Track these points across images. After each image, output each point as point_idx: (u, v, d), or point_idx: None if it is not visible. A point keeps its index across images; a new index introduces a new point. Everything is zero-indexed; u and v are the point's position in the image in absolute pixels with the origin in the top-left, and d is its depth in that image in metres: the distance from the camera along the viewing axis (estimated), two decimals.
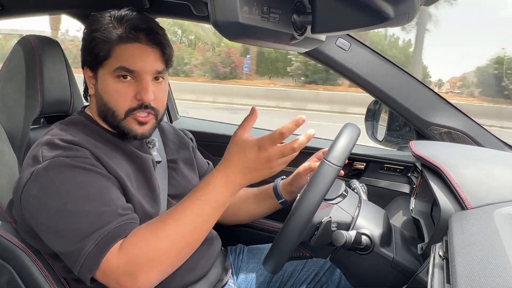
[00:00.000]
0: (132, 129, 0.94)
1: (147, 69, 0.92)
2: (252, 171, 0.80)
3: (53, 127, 0.95)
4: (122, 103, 0.92)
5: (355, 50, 1.33)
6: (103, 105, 0.95)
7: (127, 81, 0.92)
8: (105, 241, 0.78)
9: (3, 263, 0.89)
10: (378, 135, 1.60)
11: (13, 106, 1.10)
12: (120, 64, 0.90)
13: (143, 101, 0.92)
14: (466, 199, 0.88)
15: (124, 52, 0.90)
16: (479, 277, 0.57)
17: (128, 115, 0.93)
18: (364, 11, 0.62)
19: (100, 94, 0.95)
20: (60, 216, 0.80)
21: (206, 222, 0.81)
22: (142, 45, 0.92)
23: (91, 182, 0.83)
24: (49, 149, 0.86)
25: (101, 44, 0.91)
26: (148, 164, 0.99)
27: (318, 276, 1.21)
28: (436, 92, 1.37)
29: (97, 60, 0.93)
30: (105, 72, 0.92)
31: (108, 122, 0.96)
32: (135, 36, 0.91)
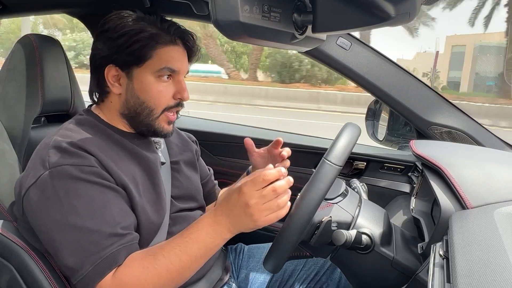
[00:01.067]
0: (163, 127, 0.99)
1: (184, 70, 0.99)
2: (235, 215, 0.79)
3: (62, 128, 0.95)
4: (162, 101, 0.96)
5: (355, 49, 1.33)
6: (139, 104, 0.95)
7: (167, 82, 0.96)
8: (103, 265, 0.79)
9: (4, 262, 0.89)
10: (379, 134, 1.60)
11: (14, 105, 1.10)
12: (165, 65, 0.94)
13: (183, 99, 0.98)
14: (466, 198, 0.88)
15: (167, 54, 0.95)
16: (479, 276, 0.57)
17: (162, 113, 0.97)
18: (365, 10, 0.62)
19: (135, 93, 0.95)
20: (61, 229, 0.81)
21: (193, 262, 0.82)
22: (181, 48, 0.98)
23: (95, 196, 0.83)
24: (57, 155, 0.85)
25: (143, 45, 0.92)
26: (155, 165, 0.99)
27: (318, 275, 1.21)
28: (437, 92, 1.37)
29: (137, 60, 0.93)
30: (146, 71, 0.94)
31: (138, 120, 0.97)
32: (175, 40, 0.97)
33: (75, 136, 0.90)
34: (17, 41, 1.13)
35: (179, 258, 0.81)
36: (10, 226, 0.94)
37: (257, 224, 0.80)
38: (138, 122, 0.98)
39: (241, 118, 7.29)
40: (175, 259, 0.81)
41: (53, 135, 0.91)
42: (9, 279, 0.88)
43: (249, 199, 0.77)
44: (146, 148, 1.01)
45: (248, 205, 0.77)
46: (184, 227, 1.03)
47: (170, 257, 0.81)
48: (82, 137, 0.90)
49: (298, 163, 1.37)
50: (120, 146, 0.96)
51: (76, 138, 0.89)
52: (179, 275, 0.82)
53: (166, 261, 0.81)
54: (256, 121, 7.24)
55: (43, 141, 0.91)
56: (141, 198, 0.92)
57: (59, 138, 0.89)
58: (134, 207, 0.90)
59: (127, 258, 0.82)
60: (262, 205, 0.78)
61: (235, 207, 0.79)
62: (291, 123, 8.01)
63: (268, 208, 0.78)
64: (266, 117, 9.07)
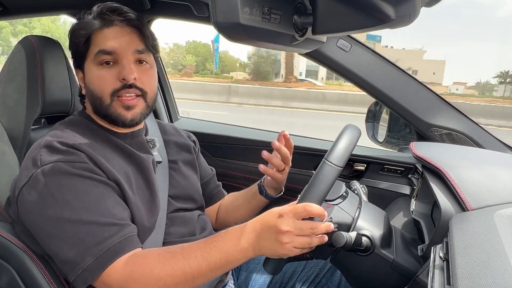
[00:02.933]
0: (120, 114, 0.95)
1: (125, 49, 0.94)
2: (266, 237, 0.77)
3: (53, 128, 0.96)
4: (105, 86, 0.93)
5: (356, 51, 1.33)
6: (91, 96, 0.96)
7: (110, 66, 0.94)
8: (106, 256, 0.79)
9: (3, 263, 0.89)
10: (379, 136, 1.60)
11: (14, 106, 1.10)
12: (98, 48, 0.93)
13: (126, 79, 0.93)
14: (466, 200, 0.88)
15: (101, 37, 0.94)
16: (480, 278, 0.57)
17: (114, 99, 0.94)
18: (365, 12, 0.62)
19: (88, 86, 0.97)
20: (57, 224, 0.80)
21: (210, 270, 0.79)
22: (118, 28, 0.95)
23: (88, 190, 0.83)
24: (48, 153, 0.86)
25: (79, 36, 0.94)
26: (148, 165, 0.99)
27: (318, 277, 1.21)
28: (436, 94, 1.37)
29: (79, 53, 0.96)
30: (89, 63, 0.96)
31: (99, 113, 0.97)
32: (109, 21, 0.94)
33: (65, 135, 0.91)
34: (18, 42, 1.13)
35: (198, 263, 0.79)
36: (10, 228, 0.93)
37: (282, 252, 0.77)
38: (100, 114, 0.98)
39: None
40: (193, 263, 0.79)
41: (45, 136, 0.92)
42: (9, 280, 0.88)
43: (286, 226, 0.76)
44: (139, 147, 1.01)
45: (282, 231, 0.76)
46: (182, 228, 1.03)
47: (189, 260, 0.79)
48: (73, 136, 0.91)
49: (297, 165, 1.37)
50: (112, 145, 0.96)
51: (67, 137, 0.90)
52: (193, 279, 0.80)
53: (184, 262, 0.79)
54: None
55: (35, 143, 0.92)
56: (135, 195, 0.92)
57: (50, 138, 0.89)
58: (127, 202, 0.90)
59: (144, 250, 0.81)
60: (295, 236, 0.76)
61: (269, 230, 0.77)
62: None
63: (300, 241, 0.77)
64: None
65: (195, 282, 0.81)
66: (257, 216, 0.86)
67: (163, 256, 0.81)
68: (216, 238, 0.81)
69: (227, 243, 0.80)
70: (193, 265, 0.79)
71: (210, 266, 0.79)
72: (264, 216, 0.80)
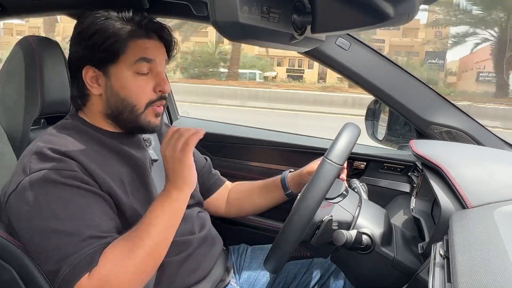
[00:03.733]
0: (150, 121, 0.98)
1: (161, 61, 0.98)
2: (171, 173, 0.90)
3: (46, 133, 0.94)
4: (143, 96, 0.95)
5: (355, 49, 1.33)
6: (120, 102, 0.94)
7: (146, 76, 0.95)
8: (79, 266, 0.78)
9: (3, 264, 0.88)
10: (379, 134, 1.60)
11: (13, 107, 1.10)
12: (140, 55, 0.93)
13: (164, 92, 0.98)
14: (466, 198, 0.88)
15: (141, 46, 0.94)
16: (480, 276, 0.57)
17: (148, 108, 0.96)
18: (364, 10, 0.62)
19: (115, 90, 0.94)
20: (41, 234, 0.80)
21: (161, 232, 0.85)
22: (157, 42, 0.98)
23: (75, 200, 0.83)
24: (38, 161, 0.85)
25: (116, 40, 0.92)
26: (145, 164, 0.99)
27: (323, 278, 1.21)
28: (436, 91, 1.37)
29: (111, 56, 0.92)
30: (122, 67, 0.93)
31: (123, 119, 0.96)
32: (148, 33, 0.96)
33: (57, 141, 0.90)
34: (16, 43, 1.13)
35: (147, 231, 0.83)
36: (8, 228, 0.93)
37: (178, 159, 0.88)
38: (123, 120, 0.97)
39: None
40: (144, 234, 0.82)
41: (37, 141, 0.91)
42: (9, 281, 0.88)
43: (163, 152, 0.90)
44: (135, 146, 1.01)
45: (165, 155, 0.90)
46: (181, 226, 1.03)
47: (139, 234, 0.83)
48: (65, 142, 0.90)
49: (297, 164, 1.37)
50: (106, 147, 0.95)
51: (58, 143, 0.89)
52: (153, 249, 0.82)
53: (136, 239, 0.82)
54: None
55: (27, 148, 0.91)
56: (129, 198, 0.92)
57: (41, 144, 0.88)
58: (122, 209, 0.90)
59: (101, 255, 0.80)
60: (171, 146, 0.88)
61: (166, 167, 0.91)
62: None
63: (175, 143, 0.88)
64: None
65: (156, 252, 0.84)
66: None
67: (117, 246, 0.81)
68: (149, 207, 0.88)
69: (157, 202, 0.88)
70: (144, 236, 0.82)
71: (157, 229, 0.84)
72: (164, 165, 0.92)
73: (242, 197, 1.29)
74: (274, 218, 1.55)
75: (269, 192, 1.26)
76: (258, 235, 1.57)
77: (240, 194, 1.30)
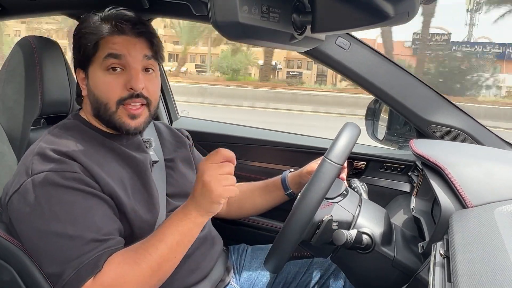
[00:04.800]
0: (124, 122, 0.94)
1: (134, 56, 0.93)
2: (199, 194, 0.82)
3: (48, 133, 0.95)
4: (112, 94, 0.92)
5: (355, 49, 1.33)
6: (95, 101, 0.95)
7: (117, 73, 0.93)
8: (84, 270, 0.78)
9: (3, 264, 0.89)
10: (379, 134, 1.60)
11: (13, 107, 1.10)
12: (107, 52, 0.91)
13: (134, 89, 0.92)
14: (466, 197, 0.88)
15: (109, 42, 0.92)
16: (480, 275, 0.57)
17: (119, 107, 0.93)
18: (364, 10, 0.62)
19: (92, 90, 0.95)
20: (43, 236, 0.81)
21: (170, 250, 0.83)
22: (129, 37, 0.94)
23: (77, 203, 0.83)
24: (40, 161, 0.85)
25: (88, 39, 0.93)
26: (145, 166, 0.99)
27: (323, 278, 1.21)
28: (436, 91, 1.37)
29: (86, 56, 0.94)
30: (95, 67, 0.94)
31: (101, 118, 0.96)
32: (120, 29, 0.93)
33: (59, 142, 0.90)
34: (16, 43, 1.13)
35: (156, 247, 0.82)
36: (9, 228, 0.93)
37: (217, 193, 0.81)
38: (102, 120, 0.97)
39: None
40: (152, 249, 0.82)
41: (39, 141, 0.91)
42: (9, 281, 0.88)
43: (206, 172, 0.81)
44: (135, 148, 1.01)
45: (205, 179, 0.81)
46: None
47: (147, 248, 0.82)
48: (67, 143, 0.90)
49: (297, 163, 1.37)
50: (107, 148, 0.95)
51: (61, 144, 0.89)
52: (159, 266, 0.82)
53: (144, 253, 0.81)
54: None
55: (30, 148, 0.91)
56: (131, 199, 0.92)
57: (44, 145, 0.88)
58: (124, 210, 0.90)
59: (106, 261, 0.81)
60: (219, 176, 0.81)
61: (197, 186, 0.83)
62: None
63: (225, 178, 0.81)
64: None
65: (162, 268, 0.83)
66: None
67: (124, 256, 0.82)
68: (164, 221, 0.86)
69: (174, 219, 0.85)
70: (152, 251, 0.82)
71: (168, 246, 0.82)
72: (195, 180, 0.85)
73: (242, 197, 1.29)
74: (274, 218, 1.55)
75: (269, 192, 1.26)
76: (259, 235, 1.57)
77: (241, 194, 1.30)
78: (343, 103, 11.20)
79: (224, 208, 1.31)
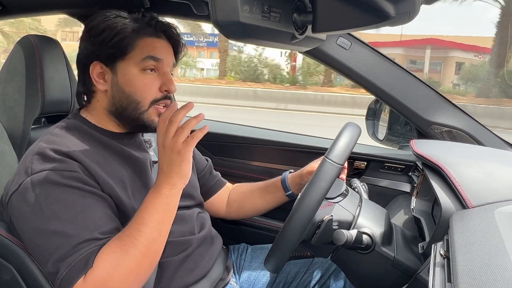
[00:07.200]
0: (153, 121, 0.96)
1: (167, 63, 0.98)
2: (165, 165, 0.85)
3: (48, 132, 0.94)
4: (148, 93, 0.95)
5: (356, 49, 1.33)
6: (125, 98, 0.95)
7: (152, 74, 0.96)
8: (77, 267, 0.78)
9: (4, 263, 0.89)
10: (379, 134, 1.60)
11: (13, 106, 1.10)
12: (147, 54, 0.94)
13: (169, 91, 0.97)
14: (467, 198, 0.88)
15: (149, 44, 0.95)
16: (480, 276, 0.57)
17: (151, 107, 0.96)
18: (365, 10, 0.62)
19: (120, 86, 0.94)
20: (41, 235, 0.80)
21: (154, 229, 0.83)
22: (166, 43, 0.99)
23: (75, 201, 0.83)
24: (39, 161, 0.85)
25: (125, 37, 0.93)
26: (146, 165, 0.99)
27: (323, 278, 1.20)
28: (437, 91, 1.37)
29: (118, 51, 0.93)
30: (130, 64, 0.94)
31: (127, 115, 0.96)
32: (157, 33, 0.98)
33: (59, 141, 0.90)
34: (17, 42, 1.13)
35: (139, 230, 0.81)
36: (9, 227, 0.94)
37: (180, 154, 0.84)
38: (126, 118, 0.97)
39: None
40: (136, 233, 0.81)
41: (39, 141, 0.91)
42: (10, 279, 0.88)
43: (161, 142, 0.85)
44: (136, 148, 1.01)
45: (163, 146, 0.85)
46: (181, 226, 1.03)
47: (131, 234, 0.81)
48: (67, 142, 0.90)
49: (298, 163, 1.37)
50: (107, 148, 0.95)
51: (61, 143, 0.89)
52: (147, 248, 0.81)
53: (129, 239, 0.81)
54: None
55: (30, 147, 0.91)
56: (130, 199, 0.92)
57: (44, 145, 0.88)
58: (123, 210, 0.90)
59: (95, 257, 0.80)
60: (172, 138, 0.84)
61: (160, 159, 0.86)
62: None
63: (178, 135, 0.84)
64: None
65: (151, 251, 0.83)
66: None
67: (111, 247, 0.80)
68: (141, 204, 0.86)
69: (148, 199, 0.85)
70: (137, 235, 0.81)
71: (150, 226, 0.83)
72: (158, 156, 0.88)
73: (242, 198, 1.29)
74: (274, 218, 1.55)
75: (269, 193, 1.26)
76: (259, 234, 1.57)
77: (241, 195, 1.30)
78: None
79: (224, 208, 1.31)
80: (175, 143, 0.84)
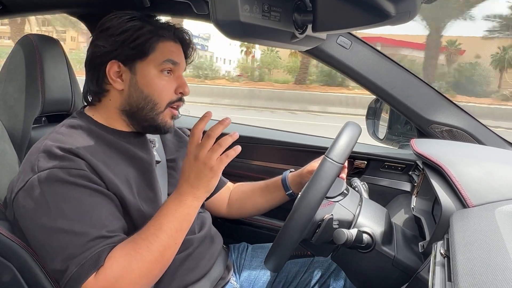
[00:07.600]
0: (167, 122, 1.00)
1: (182, 66, 1.02)
2: (193, 176, 0.86)
3: (54, 131, 0.94)
4: (165, 95, 0.98)
5: (356, 48, 1.33)
6: (143, 98, 0.96)
7: (168, 76, 0.99)
8: (87, 265, 0.78)
9: (5, 262, 0.89)
10: (379, 133, 1.60)
11: (14, 105, 1.10)
12: (168, 57, 0.97)
13: (184, 94, 1.01)
14: (467, 197, 0.88)
15: (168, 48, 0.98)
16: (480, 275, 0.57)
17: (167, 108, 0.99)
18: (365, 9, 0.62)
19: (139, 87, 0.96)
20: (48, 233, 0.81)
21: (170, 237, 0.84)
22: (179, 45, 1.02)
23: (82, 199, 0.83)
24: (46, 158, 0.85)
25: (148, 39, 0.95)
26: (151, 165, 0.99)
27: (323, 278, 1.20)
28: (437, 90, 1.37)
29: (141, 54, 0.95)
30: (149, 65, 0.96)
31: (142, 116, 0.97)
32: (175, 38, 1.01)
33: (65, 140, 0.90)
34: (17, 41, 1.13)
35: (156, 235, 0.83)
36: (11, 226, 0.94)
37: (212, 170, 0.85)
38: (140, 118, 0.98)
39: None
40: (152, 238, 0.82)
41: (45, 139, 0.91)
42: (10, 279, 0.88)
43: (193, 153, 0.85)
44: (141, 147, 1.01)
45: (197, 158, 0.85)
46: None
47: (147, 238, 0.82)
48: (73, 141, 0.90)
49: (298, 163, 1.37)
50: (113, 147, 0.95)
51: (67, 142, 0.89)
52: (160, 254, 0.82)
53: (144, 242, 0.82)
54: None
55: (34, 145, 0.91)
56: (136, 198, 0.92)
57: (50, 143, 0.88)
58: (128, 209, 0.90)
59: (107, 256, 0.80)
60: (207, 152, 0.84)
61: (188, 169, 0.86)
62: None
63: (214, 151, 0.84)
64: None
65: (164, 256, 0.84)
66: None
67: (126, 248, 0.81)
68: (160, 209, 0.87)
69: (170, 206, 0.86)
70: (153, 240, 0.82)
71: (167, 234, 0.84)
72: (185, 167, 0.88)
73: (243, 197, 1.29)
74: (275, 217, 1.55)
75: (270, 192, 1.26)
76: (259, 233, 1.58)
77: (242, 195, 1.31)
78: None
79: (225, 208, 1.31)
80: (210, 159, 0.84)
